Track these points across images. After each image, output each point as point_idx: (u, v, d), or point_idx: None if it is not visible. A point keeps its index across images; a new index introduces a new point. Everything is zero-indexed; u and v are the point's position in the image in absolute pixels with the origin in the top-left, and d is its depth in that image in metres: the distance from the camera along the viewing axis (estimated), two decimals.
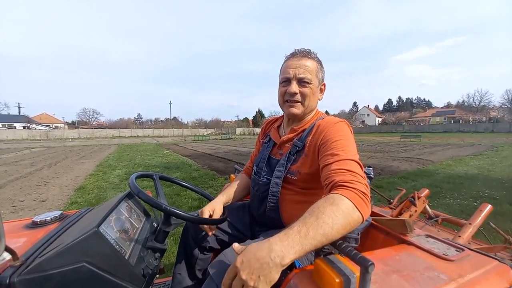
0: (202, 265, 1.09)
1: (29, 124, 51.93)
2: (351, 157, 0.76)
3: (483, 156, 9.66)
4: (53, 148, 18.44)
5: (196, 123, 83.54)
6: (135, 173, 0.97)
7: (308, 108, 0.98)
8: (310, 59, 0.96)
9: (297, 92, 0.95)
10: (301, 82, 0.94)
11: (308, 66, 0.94)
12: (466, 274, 0.63)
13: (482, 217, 1.32)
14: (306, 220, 0.58)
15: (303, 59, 0.95)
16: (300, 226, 0.57)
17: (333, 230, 0.58)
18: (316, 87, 0.97)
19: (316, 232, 0.56)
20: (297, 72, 0.94)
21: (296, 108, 0.97)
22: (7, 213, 3.72)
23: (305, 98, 0.96)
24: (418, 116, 73.24)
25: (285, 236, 0.55)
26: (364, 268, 0.47)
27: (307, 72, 0.93)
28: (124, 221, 0.84)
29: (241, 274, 0.52)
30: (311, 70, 0.94)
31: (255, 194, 1.05)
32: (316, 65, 0.96)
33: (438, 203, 3.77)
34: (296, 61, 0.95)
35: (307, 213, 0.61)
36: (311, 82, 0.94)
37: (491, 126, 39.08)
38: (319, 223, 0.57)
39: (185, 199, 4.05)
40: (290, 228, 0.57)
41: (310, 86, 0.95)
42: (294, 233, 0.55)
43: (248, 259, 0.53)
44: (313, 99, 0.98)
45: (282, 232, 0.57)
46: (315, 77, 0.96)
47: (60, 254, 0.60)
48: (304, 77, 0.93)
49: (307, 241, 0.55)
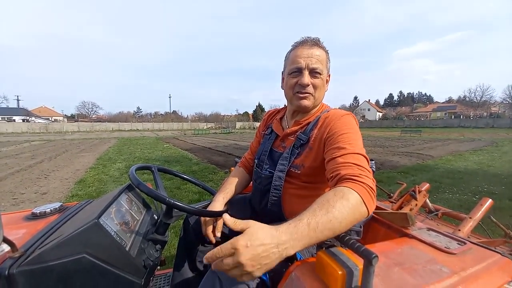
0: (203, 257, 1.09)
1: (28, 117, 51.77)
2: (358, 151, 0.74)
3: (483, 152, 9.66)
4: (53, 141, 18.42)
5: (196, 117, 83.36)
6: (135, 165, 0.96)
7: (318, 100, 0.95)
8: (320, 48, 0.91)
9: (309, 84, 0.89)
10: (313, 72, 0.89)
11: (319, 55, 0.89)
12: (468, 267, 0.63)
13: (482, 211, 1.31)
14: (315, 212, 0.57)
15: (314, 47, 0.89)
16: (310, 218, 0.55)
17: (341, 225, 0.57)
18: (325, 78, 0.94)
19: (325, 227, 0.55)
20: (310, 62, 0.88)
21: (307, 100, 0.92)
22: (8, 205, 3.74)
23: (316, 90, 0.92)
24: (419, 111, 72.93)
25: (295, 229, 0.54)
26: (367, 261, 0.47)
27: (319, 62, 0.89)
28: (125, 213, 0.84)
29: (241, 257, 0.49)
30: (322, 60, 0.90)
31: (257, 187, 1.04)
32: (325, 55, 0.93)
33: (438, 197, 3.79)
34: (307, 50, 0.89)
35: (316, 205, 0.59)
36: (322, 73, 0.90)
37: (492, 122, 38.97)
38: (328, 217, 0.56)
39: (185, 193, 4.06)
40: (300, 220, 0.55)
41: (321, 77, 0.91)
42: (303, 226, 0.54)
43: (254, 246, 0.50)
44: (323, 91, 0.95)
45: (292, 223, 0.55)
46: (325, 67, 0.92)
47: (60, 245, 0.60)
48: (316, 67, 0.88)
49: (315, 234, 0.54)
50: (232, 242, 0.51)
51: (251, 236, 0.51)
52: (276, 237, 0.52)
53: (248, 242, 0.50)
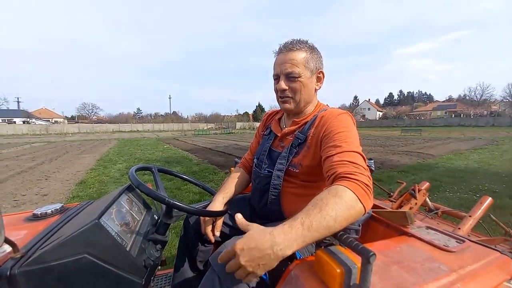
0: (203, 257, 1.10)
1: (28, 119, 51.75)
2: (354, 149, 0.75)
3: (483, 150, 9.64)
4: (54, 142, 18.44)
5: (196, 117, 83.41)
6: (135, 166, 0.97)
7: (302, 101, 0.96)
8: (296, 51, 0.91)
9: (286, 88, 0.93)
10: (289, 77, 0.92)
11: (295, 59, 0.90)
12: (467, 266, 0.63)
13: (482, 210, 1.31)
14: (309, 212, 0.58)
15: (289, 53, 0.91)
16: (304, 218, 0.57)
17: (336, 223, 0.58)
18: (308, 79, 0.93)
19: (319, 225, 0.56)
20: (284, 68, 0.91)
21: (288, 104, 0.96)
22: (9, 207, 3.75)
23: (295, 93, 0.93)
24: (419, 110, 72.88)
25: (288, 229, 0.56)
26: (365, 259, 0.47)
27: (293, 66, 0.90)
28: (125, 213, 0.84)
29: (240, 259, 0.54)
30: (298, 62, 0.90)
31: (256, 186, 1.04)
32: (304, 55, 0.92)
33: (438, 196, 3.79)
34: (283, 57, 0.92)
35: (310, 204, 0.61)
36: (300, 75, 0.91)
37: (492, 120, 38.91)
38: (322, 215, 0.57)
39: (186, 193, 4.07)
40: (294, 220, 0.57)
41: (300, 80, 0.91)
42: (297, 225, 0.56)
43: (249, 248, 0.54)
44: (306, 92, 0.94)
45: (286, 224, 0.57)
46: (305, 68, 0.91)
47: (61, 246, 0.60)
48: (290, 71, 0.90)
49: (310, 233, 0.55)
50: (232, 245, 0.56)
51: (247, 239, 0.55)
52: (270, 239, 0.54)
53: (243, 246, 0.54)
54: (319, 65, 0.96)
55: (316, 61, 0.95)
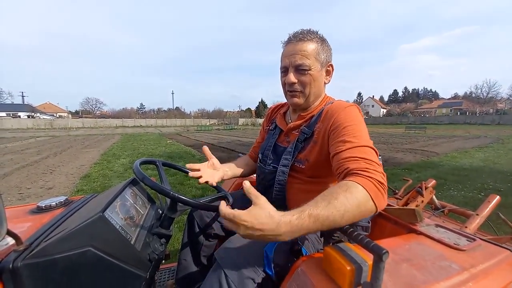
0: (207, 251, 1.10)
1: (33, 113, 52.18)
2: (364, 143, 0.72)
3: (488, 149, 9.52)
4: (58, 137, 18.59)
5: (198, 113, 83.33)
6: (139, 159, 0.96)
7: (312, 95, 0.92)
8: (307, 41, 0.86)
9: (295, 82, 0.88)
10: (298, 70, 0.87)
11: (305, 50, 0.85)
12: (478, 264, 0.62)
13: (489, 208, 1.29)
14: (317, 204, 0.57)
15: (299, 43, 0.86)
16: (312, 210, 0.55)
17: (343, 219, 0.56)
18: (318, 72, 0.88)
19: (326, 219, 0.55)
20: (293, 60, 0.86)
21: (297, 98, 0.92)
22: (14, 200, 3.79)
23: (305, 87, 0.89)
24: (424, 108, 72.05)
25: (296, 221, 0.54)
26: (377, 256, 0.46)
27: (304, 58, 0.85)
28: (129, 207, 0.84)
29: (241, 228, 0.54)
30: (309, 54, 0.85)
31: (260, 182, 1.03)
32: (315, 46, 0.87)
33: (443, 194, 3.75)
34: (292, 47, 0.87)
35: (320, 197, 0.59)
36: (311, 68, 0.86)
37: (498, 118, 38.29)
38: (330, 209, 0.55)
39: (189, 188, 4.08)
40: (302, 211, 0.55)
41: (310, 73, 0.87)
42: (304, 217, 0.54)
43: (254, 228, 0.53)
44: (316, 85, 0.90)
45: (295, 215, 0.55)
46: (315, 60, 0.87)
47: (65, 239, 0.59)
48: (301, 63, 0.85)
49: (315, 226, 0.55)
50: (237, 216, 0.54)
51: (254, 219, 0.54)
52: (275, 228, 0.54)
53: (248, 224, 0.53)
54: (329, 57, 0.92)
55: (326, 53, 0.90)
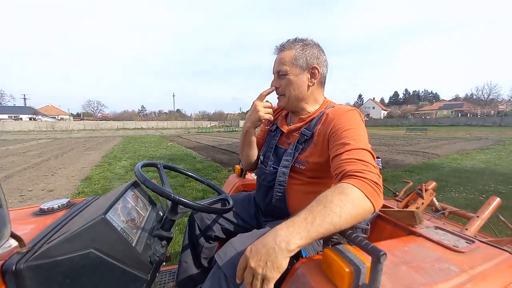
0: (208, 253, 1.10)
1: (35, 116, 52.39)
2: (362, 146, 0.74)
3: (490, 150, 9.49)
4: (59, 139, 18.66)
5: (199, 115, 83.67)
6: (141, 162, 0.97)
7: (294, 98, 0.96)
8: (285, 50, 0.95)
9: (277, 86, 0.98)
10: (279, 76, 0.96)
11: (283, 58, 0.94)
12: (477, 266, 0.62)
13: (490, 210, 1.29)
14: (313, 208, 0.58)
15: (280, 53, 0.96)
16: (307, 213, 0.57)
17: (342, 219, 0.57)
18: (296, 75, 0.93)
19: (323, 220, 0.55)
20: (274, 68, 0.98)
21: (280, 101, 1.01)
22: (16, 202, 3.80)
23: (284, 90, 0.97)
24: (425, 109, 71.98)
25: (291, 223, 0.56)
26: (376, 258, 0.46)
27: (282, 65, 0.94)
28: (131, 209, 0.84)
29: (250, 262, 0.54)
30: (286, 60, 0.94)
31: (261, 183, 1.03)
32: (292, 52, 0.93)
33: (444, 196, 3.75)
34: (276, 57, 0.98)
35: (314, 201, 0.60)
36: (288, 73, 0.93)
37: (499, 120, 38.19)
38: (326, 211, 0.56)
39: (189, 190, 4.08)
40: (297, 216, 0.57)
41: (287, 77, 0.94)
42: (300, 220, 0.55)
43: (256, 247, 0.55)
44: (296, 88, 0.94)
45: (289, 220, 0.57)
46: (292, 65, 0.93)
47: (68, 241, 0.60)
48: (279, 69, 0.95)
49: (314, 228, 0.54)
50: (244, 253, 0.57)
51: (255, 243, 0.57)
52: (272, 233, 0.55)
53: (252, 247, 0.56)
54: (313, 61, 0.93)
55: (308, 57, 0.93)
